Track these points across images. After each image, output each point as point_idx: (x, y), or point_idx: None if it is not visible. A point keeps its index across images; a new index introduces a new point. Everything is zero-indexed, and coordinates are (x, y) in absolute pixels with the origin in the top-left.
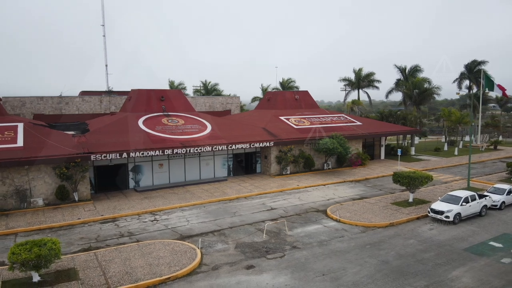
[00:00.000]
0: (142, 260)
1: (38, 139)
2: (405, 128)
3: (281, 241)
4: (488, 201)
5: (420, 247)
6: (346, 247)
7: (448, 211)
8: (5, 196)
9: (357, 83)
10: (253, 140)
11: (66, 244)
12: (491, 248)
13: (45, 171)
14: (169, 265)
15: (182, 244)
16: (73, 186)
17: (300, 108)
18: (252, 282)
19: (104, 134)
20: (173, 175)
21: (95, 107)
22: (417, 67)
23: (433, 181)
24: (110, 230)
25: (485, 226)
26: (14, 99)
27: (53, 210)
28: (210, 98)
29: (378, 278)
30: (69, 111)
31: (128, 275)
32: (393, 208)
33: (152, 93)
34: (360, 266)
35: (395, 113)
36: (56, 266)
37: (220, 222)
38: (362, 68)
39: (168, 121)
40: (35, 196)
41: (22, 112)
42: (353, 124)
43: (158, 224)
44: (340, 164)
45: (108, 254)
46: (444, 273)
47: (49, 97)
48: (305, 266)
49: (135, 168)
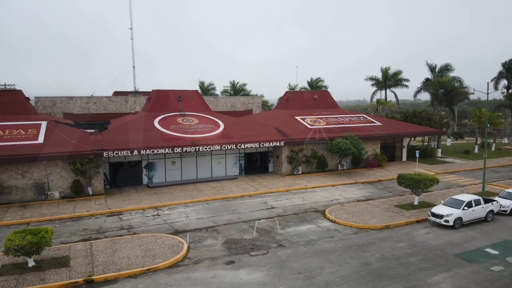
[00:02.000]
0: (131, 252)
1: (57, 136)
2: (426, 129)
3: (269, 239)
4: (495, 206)
5: (408, 250)
6: (332, 247)
7: (448, 215)
8: (24, 188)
9: (383, 82)
10: (263, 139)
11: (69, 234)
12: (485, 255)
13: (62, 166)
14: (154, 257)
15: (173, 238)
16: (88, 181)
17: (319, 108)
18: (227, 277)
19: (120, 133)
20: (185, 172)
21: (121, 107)
22: (448, 66)
23: (449, 184)
24: (113, 223)
25: (487, 232)
26: (46, 99)
27: (67, 203)
28: (231, 98)
29: (352, 279)
30: (97, 110)
31: (114, 265)
32: (395, 211)
33: (170, 93)
34: (339, 266)
35: (419, 114)
36: (52, 254)
37: (217, 219)
38: (390, 67)
39: (183, 121)
40: (52, 189)
41: (53, 111)
42: (371, 124)
43: (158, 219)
44: (356, 165)
45: (102, 244)
46: (424, 277)
47: (78, 97)
48: (284, 264)
49: (148, 165)
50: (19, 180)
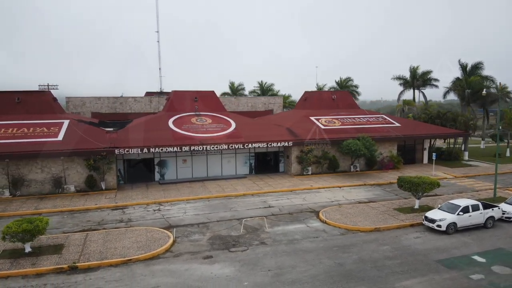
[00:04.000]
0: (119, 243)
1: (76, 134)
2: (449, 131)
3: (254, 236)
4: (496, 213)
5: (390, 254)
6: (313, 247)
7: (440, 219)
8: (43, 182)
9: (411, 82)
10: (271, 140)
11: (72, 225)
12: (470, 262)
13: (78, 162)
14: (139, 248)
15: (162, 232)
16: (101, 176)
17: (337, 108)
18: (199, 270)
19: (134, 131)
20: (196, 170)
21: (145, 107)
22: (479, 64)
23: (463, 189)
24: (115, 216)
25: (483, 238)
26: (76, 99)
27: (80, 196)
28: (252, 98)
29: (320, 278)
30: (123, 110)
31: (100, 254)
32: (392, 214)
33: (187, 94)
34: (312, 266)
35: (443, 115)
36: (50, 241)
37: (212, 215)
38: (419, 66)
39: (196, 120)
40: (68, 183)
41: (82, 110)
42: (390, 125)
43: (158, 213)
44: (370, 166)
45: (96, 235)
46: (394, 281)
47: (105, 98)
48: (258, 261)
49: (160, 163)
50: (38, 174)
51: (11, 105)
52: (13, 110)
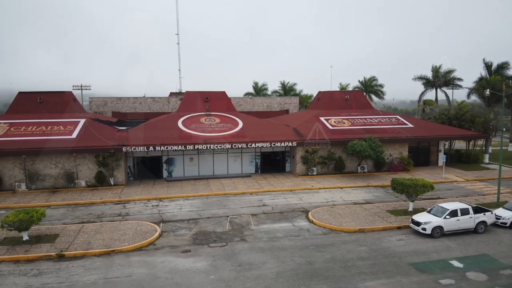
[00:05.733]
0: (109, 235)
1: (89, 132)
2: (464, 133)
3: (238, 233)
4: (489, 217)
5: (365, 255)
6: (291, 245)
7: (425, 222)
8: (56, 177)
9: (433, 82)
10: (275, 139)
11: (74, 217)
12: (445, 267)
13: (89, 158)
14: (124, 241)
15: (151, 226)
16: (110, 172)
17: (350, 108)
18: (173, 263)
19: (144, 130)
20: (202, 168)
21: (164, 107)
22: (505, 64)
23: (471, 192)
24: (115, 210)
25: (469, 243)
26: (98, 99)
27: (89, 191)
28: (267, 98)
29: (285, 275)
30: (142, 109)
31: (87, 244)
32: (382, 215)
33: (198, 94)
34: (282, 263)
35: (461, 116)
36: (47, 231)
37: (205, 212)
38: (441, 65)
39: (205, 120)
40: (80, 179)
41: (104, 110)
42: (402, 126)
43: (155, 209)
44: (378, 168)
45: (91, 227)
46: (357, 282)
47: (126, 98)
48: (232, 257)
49: (168, 161)
50: (52, 169)
51: (34, 105)
52: (36, 109)
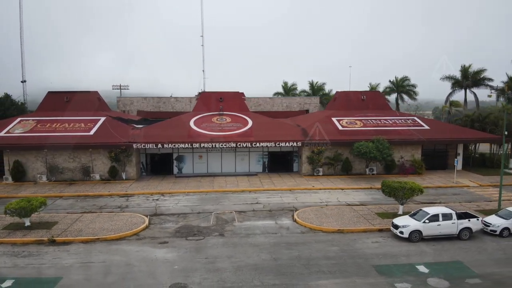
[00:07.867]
0: (100, 224)
1: (106, 130)
2: (483, 136)
3: (219, 228)
4: (474, 224)
5: (332, 254)
6: (264, 242)
7: (403, 226)
8: (74, 170)
9: (462, 82)
10: (281, 139)
11: (78, 207)
12: (408, 271)
13: (103, 154)
14: (111, 230)
15: (142, 218)
16: (122, 167)
17: (366, 109)
18: (147, 252)
19: (156, 129)
20: (211, 166)
21: (186, 106)
22: None
23: (477, 198)
24: (117, 202)
25: (446, 250)
26: (125, 99)
27: (101, 184)
28: (287, 98)
29: (244, 270)
30: (165, 109)
31: (77, 232)
32: (369, 218)
33: (212, 95)
34: (247, 258)
35: (483, 118)
36: (48, 219)
37: (198, 207)
38: (471, 65)
39: (216, 120)
40: (95, 172)
41: (130, 109)
42: (417, 128)
43: (153, 203)
44: (389, 170)
45: (88, 216)
46: (312, 280)
47: (151, 98)
48: (202, 250)
49: (178, 158)
50: (70, 163)
51: (61, 104)
52: (62, 108)
